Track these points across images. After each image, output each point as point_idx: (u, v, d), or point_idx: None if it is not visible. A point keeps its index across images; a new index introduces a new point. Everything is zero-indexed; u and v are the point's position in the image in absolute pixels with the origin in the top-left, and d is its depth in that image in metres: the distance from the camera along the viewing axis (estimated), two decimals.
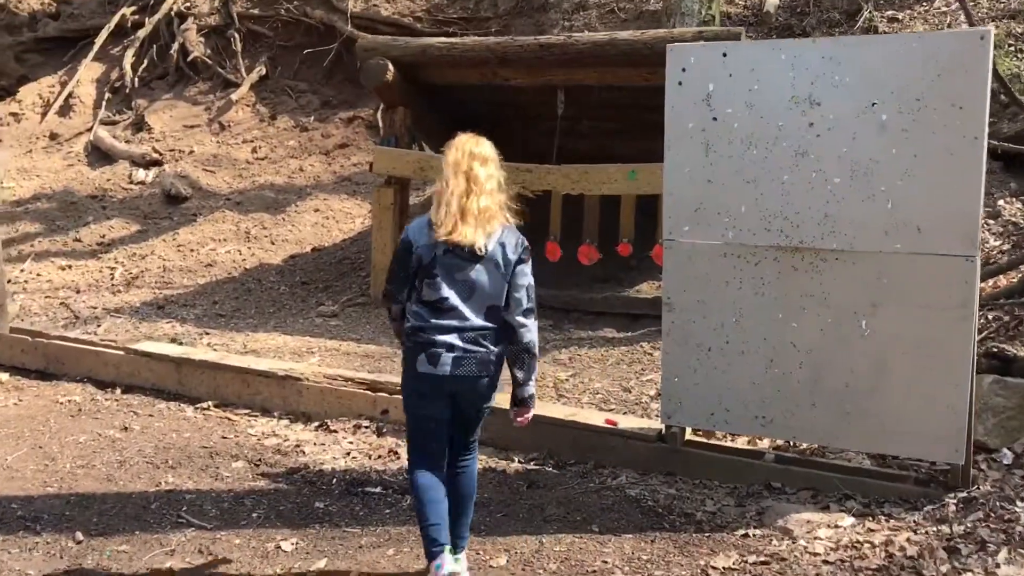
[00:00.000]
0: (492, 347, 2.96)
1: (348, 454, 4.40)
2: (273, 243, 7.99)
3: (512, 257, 3.00)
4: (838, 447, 3.96)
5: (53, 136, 10.99)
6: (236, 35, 11.35)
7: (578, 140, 7.29)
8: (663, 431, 4.20)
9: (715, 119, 3.88)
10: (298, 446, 4.48)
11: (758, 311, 3.89)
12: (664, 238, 4.11)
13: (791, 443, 4.11)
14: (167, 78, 11.56)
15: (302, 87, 11.09)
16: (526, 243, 3.10)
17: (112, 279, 7.54)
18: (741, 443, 4.25)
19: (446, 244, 2.91)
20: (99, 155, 10.55)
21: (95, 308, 6.87)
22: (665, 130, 4.06)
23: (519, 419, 3.13)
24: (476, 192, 2.96)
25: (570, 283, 6.97)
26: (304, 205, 8.76)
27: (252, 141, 10.40)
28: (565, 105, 6.62)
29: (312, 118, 10.56)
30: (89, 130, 10.90)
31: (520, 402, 3.09)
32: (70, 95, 11.48)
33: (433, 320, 2.93)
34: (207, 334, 6.23)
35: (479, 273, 2.94)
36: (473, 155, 3.05)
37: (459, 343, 2.91)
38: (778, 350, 3.87)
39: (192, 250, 7.97)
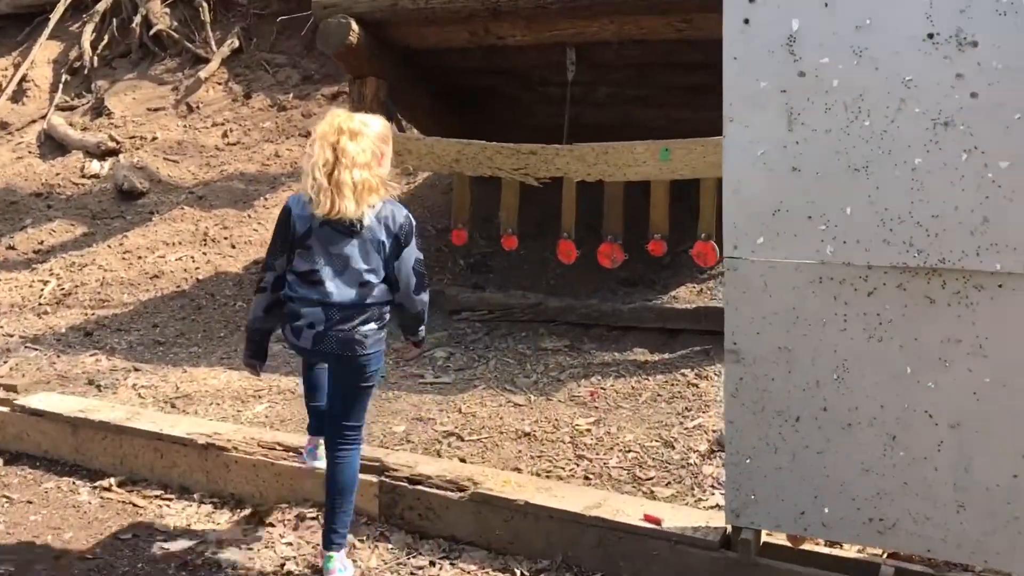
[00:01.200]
0: (361, 326, 2.91)
1: (282, 567, 3.14)
2: (234, 246, 6.71)
3: (395, 232, 2.93)
4: (1000, 568, 2.63)
5: (3, 125, 9.74)
6: (205, 4, 10.01)
7: (594, 111, 5.94)
8: (728, 533, 2.90)
9: (802, 74, 2.55)
10: (216, 553, 3.22)
11: (873, 364, 2.57)
12: (726, 255, 2.78)
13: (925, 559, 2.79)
14: (130, 56, 10.26)
15: (280, 60, 9.75)
16: (411, 219, 3.01)
17: (40, 297, 6.29)
18: (846, 552, 2.93)
19: (321, 218, 2.87)
20: (53, 145, 9.29)
21: (11, 337, 5.63)
22: (724, 93, 2.73)
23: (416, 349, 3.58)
24: (346, 165, 2.84)
25: (589, 290, 5.65)
26: (276, 198, 7.47)
27: (223, 124, 9.10)
28: (577, 68, 5.27)
29: (291, 95, 9.23)
30: (44, 117, 9.65)
31: (416, 344, 3.44)
32: (24, 78, 10.21)
33: (301, 291, 2.93)
34: (136, 371, 4.97)
35: (354, 248, 2.90)
36: (342, 129, 2.89)
37: (322, 319, 2.90)
38: (905, 422, 2.56)
39: (139, 257, 6.71)
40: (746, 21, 2.62)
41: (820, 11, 2.49)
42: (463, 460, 3.81)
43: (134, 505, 3.64)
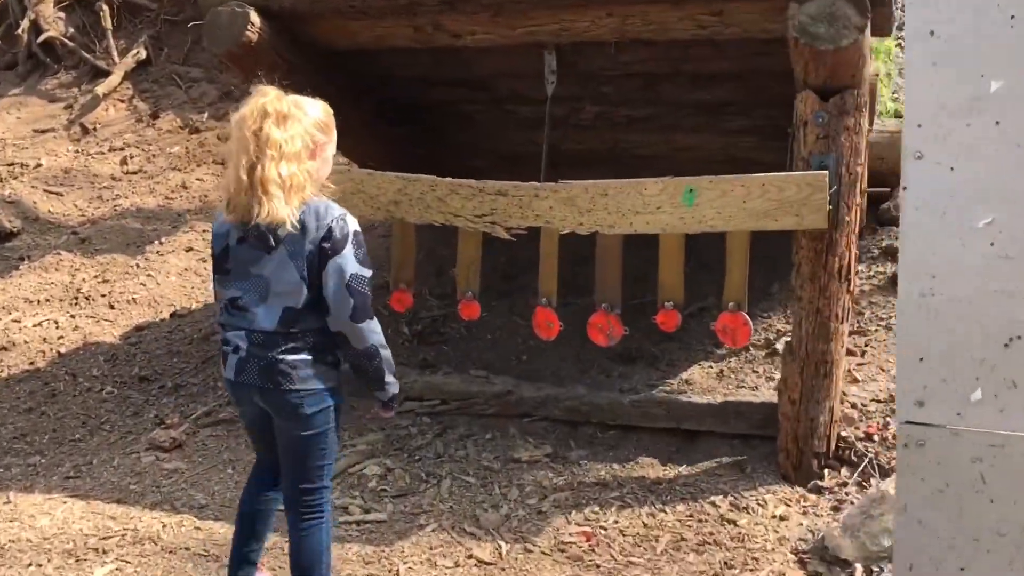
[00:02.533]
0: (287, 355, 2.43)
1: None
2: (113, 306, 5.23)
3: (320, 238, 2.39)
4: None
5: None
6: (106, 8, 8.52)
7: (576, 136, 4.62)
8: None
9: None
10: None
11: None
12: (900, 418, 1.45)
13: None
14: (16, 68, 8.74)
15: (195, 74, 8.32)
16: (347, 220, 2.43)
17: None
18: None
19: (240, 229, 2.43)
20: None
21: None
22: (910, 110, 1.39)
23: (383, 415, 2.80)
24: (272, 157, 2.34)
25: (574, 370, 4.29)
26: (174, 241, 6.02)
27: (123, 148, 7.62)
28: (559, 77, 3.95)
29: (206, 115, 7.80)
30: None
31: (383, 406, 2.73)
32: None
33: (227, 317, 2.52)
34: None
35: (275, 265, 2.42)
36: (267, 112, 2.39)
37: (244, 345, 2.47)
38: None
39: None
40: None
41: None
42: None
43: None
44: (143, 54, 8.40)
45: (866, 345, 3.96)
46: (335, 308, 2.41)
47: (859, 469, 3.29)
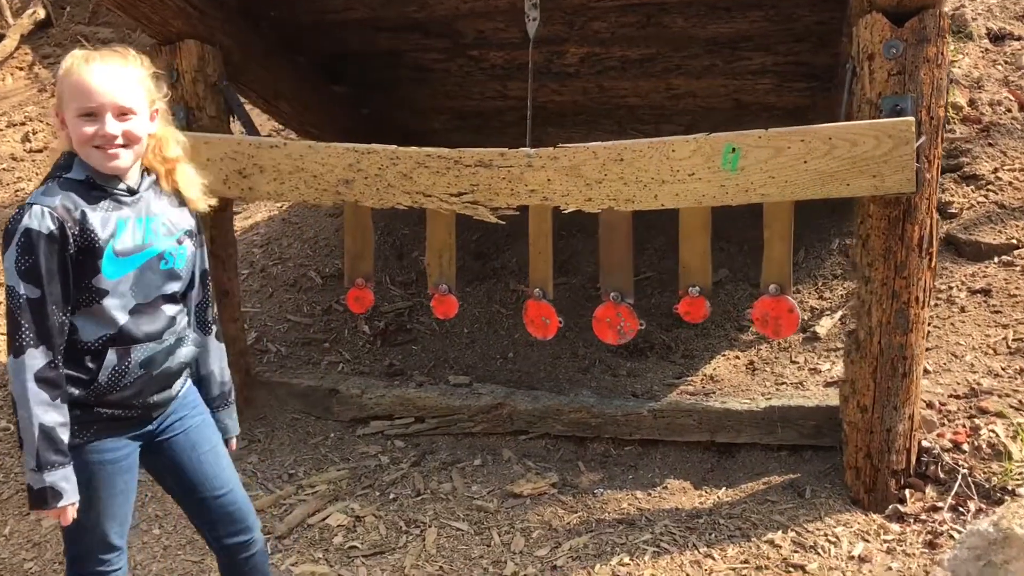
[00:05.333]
0: None
1: None
2: None
3: None
4: None
5: None
6: None
7: (556, 86, 3.85)
8: None
9: None
10: None
11: None
12: None
13: None
14: None
15: (104, 35, 7.32)
16: (26, 216, 1.76)
17: None
18: None
19: None
20: None
21: None
22: None
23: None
24: None
25: (575, 374, 3.57)
26: None
27: (24, 124, 6.66)
28: (541, 13, 3.15)
29: None
30: None
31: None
32: None
33: None
34: None
35: None
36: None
37: None
38: None
39: None
40: None
41: None
42: None
43: None
44: (41, 14, 7.38)
45: (928, 324, 3.29)
46: None
47: (952, 490, 2.62)
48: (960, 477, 2.65)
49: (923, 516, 2.63)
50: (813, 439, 2.98)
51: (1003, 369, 2.97)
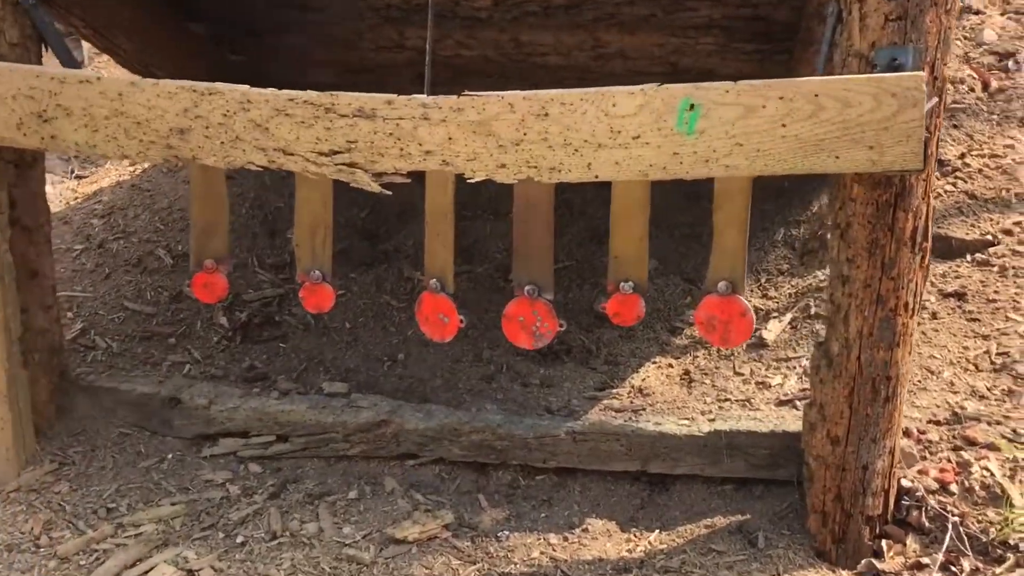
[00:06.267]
0: None
1: None
2: None
3: None
4: None
5: None
6: None
7: (462, 38, 3.22)
8: None
9: None
10: None
11: None
12: None
13: None
14: None
15: None
16: None
17: None
18: None
19: None
20: None
21: None
22: None
23: None
24: None
25: (477, 383, 2.95)
26: None
27: None
28: None
29: None
30: None
31: None
32: None
33: None
34: None
35: None
36: None
37: None
38: None
39: None
40: None
41: None
42: None
43: None
44: None
45: None
46: None
47: (943, 544, 2.11)
48: (950, 527, 2.14)
49: (905, 574, 2.12)
50: (766, 471, 2.44)
51: (988, 389, 2.49)
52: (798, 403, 2.61)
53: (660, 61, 3.33)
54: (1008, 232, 2.96)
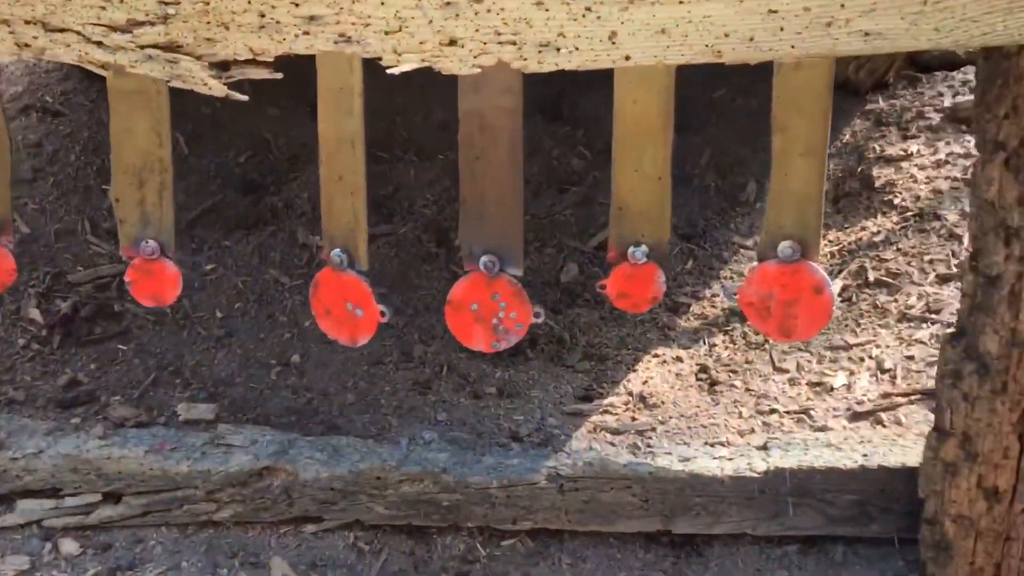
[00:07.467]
0: None
1: None
2: None
3: None
4: None
5: None
6: None
7: None
8: None
9: None
10: None
11: None
12: None
13: None
14: None
15: None
16: None
17: None
18: None
19: None
20: None
21: None
22: None
23: None
24: None
25: (412, 401, 2.04)
26: None
27: None
28: None
29: None
30: None
31: None
32: None
33: None
34: None
35: None
36: None
37: None
38: None
39: None
40: None
41: None
42: None
43: None
44: None
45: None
46: None
47: None
48: None
49: None
50: (852, 526, 1.63)
51: None
52: (883, 417, 1.79)
53: None
54: None
